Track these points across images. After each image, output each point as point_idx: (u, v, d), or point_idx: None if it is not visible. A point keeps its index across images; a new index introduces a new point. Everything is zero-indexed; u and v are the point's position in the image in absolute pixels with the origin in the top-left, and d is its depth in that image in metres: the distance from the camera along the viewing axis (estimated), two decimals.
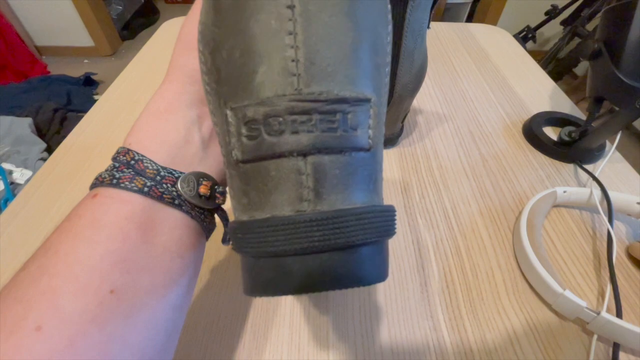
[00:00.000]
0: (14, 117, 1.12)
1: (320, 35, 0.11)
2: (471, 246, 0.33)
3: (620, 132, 0.39)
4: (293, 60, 0.11)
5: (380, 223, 0.13)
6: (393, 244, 0.33)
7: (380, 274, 0.13)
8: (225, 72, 0.12)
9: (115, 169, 0.17)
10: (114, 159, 0.17)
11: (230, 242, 0.15)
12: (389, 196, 0.38)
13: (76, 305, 0.13)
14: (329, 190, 0.12)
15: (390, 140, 0.43)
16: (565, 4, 1.53)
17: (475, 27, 0.72)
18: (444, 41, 0.67)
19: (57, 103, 1.32)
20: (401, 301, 0.29)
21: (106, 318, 0.14)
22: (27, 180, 0.98)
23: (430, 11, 0.33)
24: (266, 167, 0.12)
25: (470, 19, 2.03)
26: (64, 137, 0.45)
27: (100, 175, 0.17)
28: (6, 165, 0.99)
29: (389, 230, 0.14)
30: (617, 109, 0.37)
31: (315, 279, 0.12)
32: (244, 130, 0.12)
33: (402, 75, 0.35)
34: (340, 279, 0.12)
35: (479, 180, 0.40)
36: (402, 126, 0.44)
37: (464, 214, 0.36)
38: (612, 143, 0.42)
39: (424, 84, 0.53)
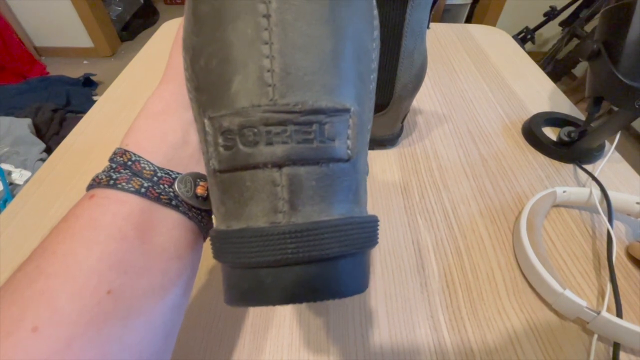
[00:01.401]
0: (13, 118, 1.12)
1: (297, 44, 0.11)
2: (471, 246, 0.33)
3: (620, 132, 0.39)
4: (268, 71, 0.11)
5: (359, 234, 0.12)
6: (393, 244, 0.33)
7: (359, 286, 0.13)
8: (203, 80, 0.12)
9: (112, 170, 0.17)
10: (111, 159, 0.17)
11: None
12: (389, 196, 0.38)
13: (73, 306, 0.13)
14: (305, 201, 0.12)
15: (390, 141, 0.43)
16: (563, 5, 1.54)
17: (475, 28, 0.72)
18: (443, 42, 0.67)
19: (56, 104, 1.32)
20: (401, 301, 0.29)
21: (103, 319, 0.14)
22: (26, 181, 0.98)
23: (430, 11, 0.33)
24: (242, 177, 0.12)
25: (469, 20, 2.03)
26: (63, 137, 0.45)
27: (97, 176, 0.17)
28: (5, 166, 0.99)
29: (370, 241, 0.13)
30: (616, 109, 0.37)
31: (290, 291, 0.11)
32: (220, 140, 0.12)
33: (402, 76, 0.35)
34: (316, 292, 0.12)
35: (478, 181, 0.40)
36: (402, 126, 0.44)
37: (464, 214, 0.36)
38: (612, 143, 0.42)
39: (423, 85, 0.53)
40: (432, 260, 0.32)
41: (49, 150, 1.11)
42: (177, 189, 0.17)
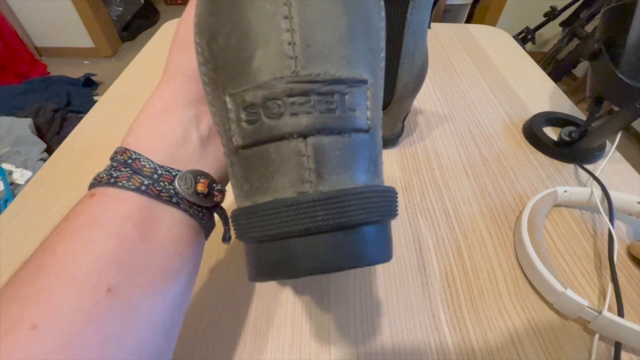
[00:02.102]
0: (14, 118, 1.12)
1: (315, 18, 0.11)
2: (472, 246, 0.33)
3: (621, 132, 0.39)
4: (289, 44, 0.11)
5: (382, 203, 0.13)
6: (394, 243, 0.33)
7: (385, 254, 0.13)
8: (222, 59, 0.12)
9: (113, 169, 0.17)
10: (112, 158, 0.17)
11: (233, 233, 0.15)
12: None
13: (72, 304, 0.13)
14: (330, 170, 0.12)
15: (391, 140, 0.43)
16: (564, 5, 1.54)
17: (475, 28, 0.72)
18: (444, 42, 0.67)
19: (57, 104, 1.32)
20: (403, 300, 0.29)
21: (103, 317, 0.14)
22: (27, 181, 0.98)
23: (431, 11, 0.33)
24: (267, 150, 0.12)
25: (469, 20, 2.03)
26: (64, 137, 0.45)
27: (98, 175, 0.17)
28: (6, 166, 0.99)
29: (391, 211, 0.14)
30: (617, 109, 0.37)
31: (321, 259, 0.12)
32: (243, 116, 0.12)
33: (403, 75, 0.35)
34: (346, 258, 0.12)
35: (479, 180, 0.40)
36: (403, 126, 0.44)
37: (465, 214, 0.36)
38: (612, 143, 0.42)
39: (424, 85, 0.53)
40: (433, 259, 0.32)
41: (49, 150, 1.11)
42: (177, 186, 0.17)
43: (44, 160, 1.06)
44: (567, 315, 0.28)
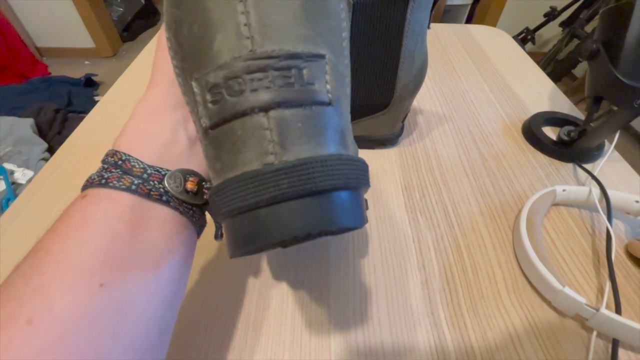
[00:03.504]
0: (16, 118, 1.12)
1: (269, 0, 0.12)
2: (471, 244, 0.34)
3: (619, 131, 0.39)
4: (245, 25, 0.12)
5: (348, 170, 0.13)
6: (394, 242, 0.34)
7: (356, 219, 0.14)
8: (187, 48, 0.13)
9: (104, 170, 0.17)
10: (104, 161, 0.18)
11: (221, 232, 0.16)
12: (390, 195, 0.38)
13: (66, 301, 0.14)
14: (293, 142, 0.12)
15: (391, 140, 0.44)
16: (564, 5, 1.54)
17: (475, 29, 0.73)
18: (443, 42, 0.68)
19: (58, 104, 1.32)
20: (402, 299, 0.29)
21: (97, 312, 0.14)
22: (29, 180, 0.98)
23: (431, 12, 0.33)
24: (232, 127, 0.12)
25: (469, 20, 2.03)
26: (66, 137, 0.46)
27: (90, 177, 0.17)
28: (8, 166, 0.99)
29: (359, 178, 0.14)
30: (615, 108, 0.37)
31: (290, 227, 0.12)
32: (208, 97, 0.12)
33: (403, 76, 0.36)
34: (314, 224, 0.12)
35: (479, 180, 0.40)
36: (403, 126, 0.44)
37: (464, 213, 0.36)
38: (611, 142, 0.42)
39: (424, 85, 0.53)
40: (433, 258, 0.32)
41: (51, 150, 1.11)
42: (166, 184, 0.18)
43: (45, 160, 1.07)
44: (565, 313, 0.28)
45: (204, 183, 0.19)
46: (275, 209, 0.12)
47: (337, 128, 0.14)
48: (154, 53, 0.20)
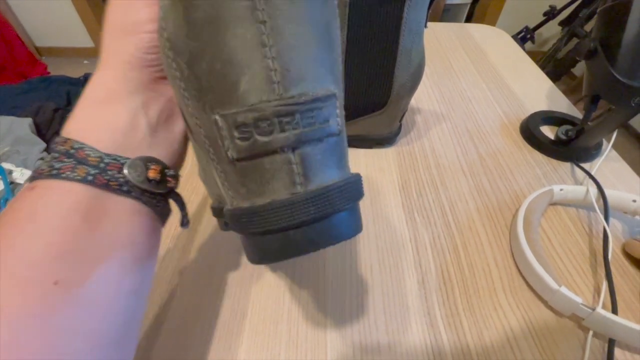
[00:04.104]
0: (14, 117, 1.12)
1: (290, 44, 0.13)
2: (468, 243, 0.34)
3: (617, 130, 0.39)
4: (271, 70, 0.13)
5: (355, 191, 0.16)
6: (391, 241, 0.34)
7: (359, 227, 0.17)
8: (207, 81, 0.13)
9: (54, 160, 0.16)
10: (52, 149, 0.16)
11: (227, 225, 0.17)
12: (387, 194, 0.38)
13: (15, 301, 0.13)
14: (315, 172, 0.14)
15: (389, 139, 0.44)
16: (563, 4, 1.54)
17: (473, 27, 0.72)
18: (442, 41, 0.67)
19: (57, 103, 1.32)
20: (399, 298, 0.29)
21: (51, 309, 0.14)
22: (27, 180, 0.98)
23: (427, 11, 0.33)
24: (261, 162, 0.14)
25: (469, 19, 2.03)
26: None
27: (38, 168, 0.16)
28: (6, 165, 0.99)
29: (360, 194, 0.17)
30: (613, 107, 0.37)
31: (314, 242, 0.15)
32: (236, 134, 0.13)
33: (400, 75, 0.36)
34: (332, 238, 0.15)
35: (476, 179, 0.40)
36: (401, 125, 0.44)
37: (462, 212, 0.36)
38: (609, 142, 0.42)
39: (422, 84, 0.53)
40: (430, 257, 0.32)
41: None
42: (127, 174, 0.17)
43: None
44: (561, 313, 0.28)
45: (166, 170, 0.19)
46: (306, 231, 0.14)
47: (343, 152, 0.16)
48: (104, 32, 0.18)
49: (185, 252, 0.32)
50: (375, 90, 0.37)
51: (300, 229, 0.14)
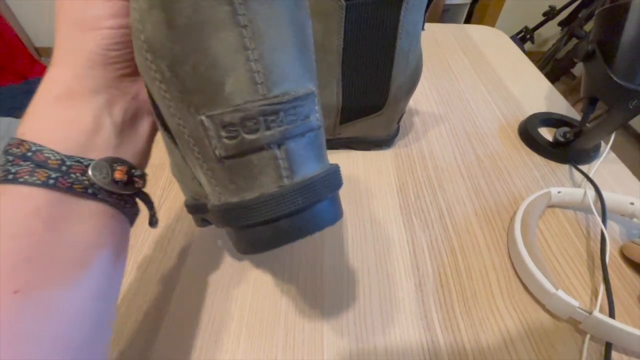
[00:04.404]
0: (13, 119, 1.12)
1: (271, 47, 0.14)
2: (466, 246, 0.34)
3: (615, 132, 0.39)
4: (254, 72, 0.13)
5: (335, 180, 0.17)
6: (388, 243, 0.34)
7: (339, 214, 0.18)
8: (191, 83, 0.14)
9: (9, 163, 0.15)
10: (6, 152, 0.15)
11: (205, 222, 0.18)
12: (385, 197, 0.38)
13: None
14: (299, 166, 0.15)
15: (386, 142, 0.44)
16: (563, 5, 1.54)
17: (472, 28, 0.72)
18: (440, 42, 0.67)
19: None
20: (395, 301, 0.29)
21: (12, 319, 0.13)
22: None
23: (425, 13, 0.33)
24: (249, 158, 0.14)
25: (468, 19, 2.03)
26: None
27: None
28: None
29: (340, 184, 0.18)
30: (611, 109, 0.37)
31: (303, 229, 0.16)
32: (223, 133, 0.14)
33: (397, 77, 0.36)
34: (319, 224, 0.16)
35: (474, 181, 0.40)
36: (398, 127, 0.44)
37: (459, 214, 0.36)
38: (607, 144, 0.42)
39: (420, 85, 0.53)
40: (427, 260, 0.32)
41: None
42: (92, 176, 0.16)
43: None
44: (558, 316, 0.28)
45: (133, 171, 0.18)
46: (294, 219, 0.15)
47: (322, 144, 0.17)
48: (57, 28, 0.17)
49: (182, 254, 0.32)
50: (373, 92, 0.37)
51: (289, 219, 0.15)
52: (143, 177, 0.19)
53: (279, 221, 0.15)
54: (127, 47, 0.18)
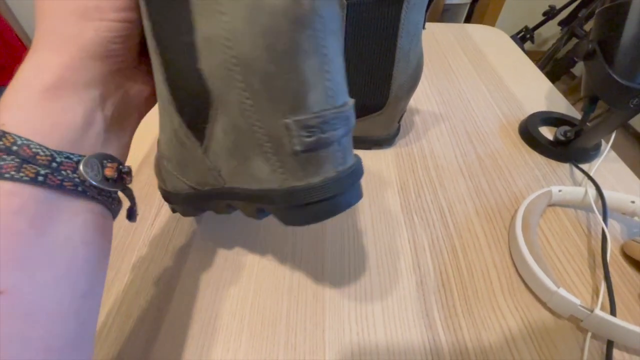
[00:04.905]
0: None
1: (336, 69, 0.17)
2: (467, 245, 0.34)
3: (616, 131, 0.39)
4: (328, 88, 0.17)
5: (362, 167, 0.21)
6: (389, 242, 0.34)
7: (362, 191, 0.22)
8: (280, 94, 0.17)
9: None
10: None
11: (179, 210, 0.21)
12: (386, 196, 0.38)
13: None
14: (347, 155, 0.19)
15: (387, 141, 0.44)
16: (562, 4, 1.54)
17: (472, 28, 0.72)
18: (441, 42, 0.67)
19: None
20: (397, 300, 0.29)
21: None
22: None
23: (426, 12, 0.33)
24: (319, 152, 0.18)
25: (468, 19, 2.03)
26: None
27: None
28: None
29: (363, 171, 0.22)
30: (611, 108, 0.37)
31: (349, 204, 0.20)
32: (303, 133, 0.17)
33: (398, 76, 0.36)
34: (356, 198, 0.20)
35: (475, 180, 0.40)
36: (399, 126, 0.44)
37: (460, 213, 0.36)
38: (608, 142, 0.42)
39: (420, 85, 0.53)
40: (428, 258, 0.32)
41: None
42: (84, 174, 0.16)
43: None
44: (560, 314, 0.28)
45: (121, 167, 0.18)
46: (344, 196, 0.20)
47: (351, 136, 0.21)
48: (46, 10, 0.16)
49: (182, 254, 0.32)
50: (374, 91, 0.37)
51: (342, 195, 0.19)
52: (130, 173, 0.19)
53: (335, 198, 0.19)
54: (126, 42, 0.17)
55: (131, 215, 0.21)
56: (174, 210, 0.31)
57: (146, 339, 0.27)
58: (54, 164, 0.15)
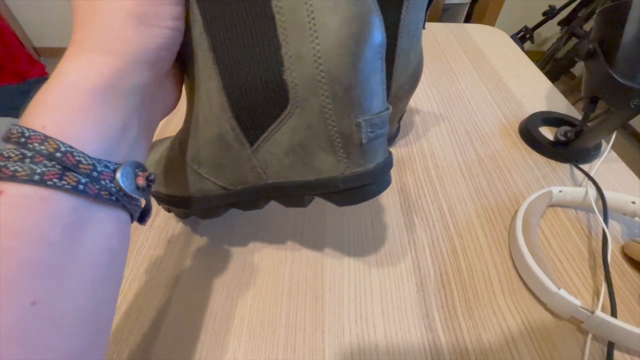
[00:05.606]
0: (12, 119, 1.12)
1: (384, 80, 0.21)
2: (467, 246, 0.33)
3: (616, 131, 0.39)
4: (384, 96, 0.22)
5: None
6: (389, 243, 0.33)
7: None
8: (356, 100, 0.20)
9: (31, 162, 0.13)
10: (24, 145, 0.14)
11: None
12: (386, 196, 0.38)
13: None
14: (387, 146, 0.24)
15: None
16: (562, 4, 1.54)
17: (472, 28, 0.72)
18: (441, 42, 0.67)
19: None
20: (397, 301, 0.29)
21: (28, 331, 0.13)
22: None
23: (426, 11, 0.33)
24: (375, 143, 0.22)
25: (468, 19, 2.03)
26: None
27: (4, 167, 0.13)
28: None
29: None
30: (612, 108, 0.37)
31: (389, 183, 0.24)
32: (369, 129, 0.21)
33: (398, 76, 0.35)
34: (390, 181, 0.24)
35: (475, 180, 0.40)
36: (399, 126, 0.44)
37: (460, 214, 0.36)
38: (608, 143, 0.42)
39: (420, 85, 0.53)
40: (428, 259, 0.32)
41: None
42: (121, 184, 0.15)
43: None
44: (560, 316, 0.28)
45: (149, 175, 0.18)
46: (388, 177, 0.24)
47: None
48: (101, 11, 0.15)
49: (183, 255, 0.32)
50: None
51: (385, 178, 0.24)
52: (154, 181, 0.19)
53: (382, 180, 0.23)
54: (173, 49, 0.18)
55: (143, 218, 0.21)
56: (168, 210, 0.32)
57: (146, 340, 0.27)
58: (95, 174, 0.15)
